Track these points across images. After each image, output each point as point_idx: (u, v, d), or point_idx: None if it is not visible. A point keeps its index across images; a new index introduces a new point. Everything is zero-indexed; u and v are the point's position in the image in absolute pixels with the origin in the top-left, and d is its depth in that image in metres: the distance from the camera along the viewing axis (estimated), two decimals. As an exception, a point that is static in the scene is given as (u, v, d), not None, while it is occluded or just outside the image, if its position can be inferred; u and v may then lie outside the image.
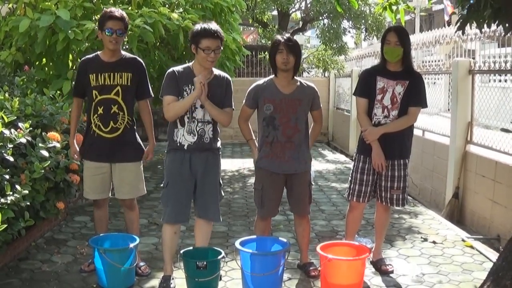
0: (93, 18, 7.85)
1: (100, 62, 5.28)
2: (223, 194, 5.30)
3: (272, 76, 5.38)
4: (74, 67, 7.78)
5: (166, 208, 5.09)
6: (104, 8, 5.58)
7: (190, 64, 5.06)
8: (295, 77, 5.37)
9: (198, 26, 4.91)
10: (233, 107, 5.13)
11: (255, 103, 5.34)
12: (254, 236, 5.40)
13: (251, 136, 5.42)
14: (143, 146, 5.49)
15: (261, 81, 5.47)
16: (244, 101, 5.42)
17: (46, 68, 8.16)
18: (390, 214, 6.01)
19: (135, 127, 5.41)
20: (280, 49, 5.18)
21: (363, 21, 18.75)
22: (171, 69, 5.03)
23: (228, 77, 5.20)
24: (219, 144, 5.16)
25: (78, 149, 5.46)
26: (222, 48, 5.01)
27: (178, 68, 5.03)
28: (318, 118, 5.55)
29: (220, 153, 5.23)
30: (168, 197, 5.04)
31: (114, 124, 5.24)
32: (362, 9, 18.39)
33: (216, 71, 5.13)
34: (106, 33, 5.13)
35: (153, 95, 5.57)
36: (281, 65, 5.19)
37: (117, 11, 5.27)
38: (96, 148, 5.31)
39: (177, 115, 4.90)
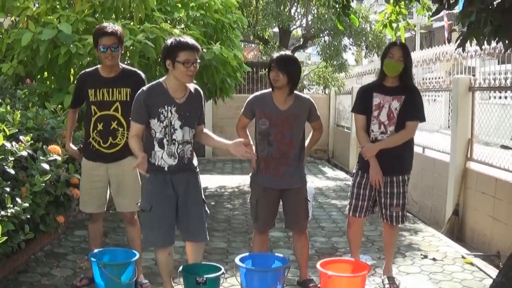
0: (94, 33, 7.88)
1: (99, 77, 5.29)
2: (208, 210, 5.10)
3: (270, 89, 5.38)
4: (75, 81, 7.79)
5: (152, 231, 4.88)
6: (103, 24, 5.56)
7: (161, 79, 4.84)
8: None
9: (171, 40, 4.71)
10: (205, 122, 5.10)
11: (252, 114, 5.37)
12: (254, 253, 5.40)
13: (248, 141, 5.32)
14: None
15: (259, 93, 5.49)
16: (242, 110, 5.43)
17: (48, 82, 8.18)
18: (398, 231, 5.99)
19: None
20: (272, 66, 5.20)
21: (363, 38, 18.81)
22: (140, 90, 4.80)
23: (200, 89, 5.03)
24: (196, 162, 5.01)
25: (76, 148, 5.49)
26: (199, 60, 4.77)
27: (148, 88, 4.79)
28: (317, 127, 5.55)
29: (198, 170, 5.05)
30: (154, 220, 4.83)
31: (114, 140, 5.25)
32: (363, 26, 18.46)
33: (190, 86, 4.89)
34: (101, 50, 5.12)
35: None
36: (272, 82, 5.21)
37: (109, 27, 5.21)
38: (93, 157, 5.32)
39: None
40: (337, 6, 6.78)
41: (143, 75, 5.45)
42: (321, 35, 19.34)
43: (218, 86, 9.32)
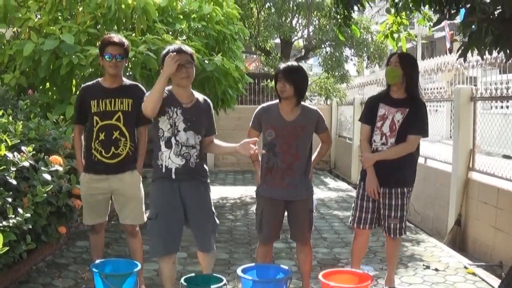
0: (97, 44, 7.87)
1: (101, 88, 5.31)
2: (217, 221, 5.14)
3: (278, 100, 5.37)
4: (77, 92, 7.80)
5: (157, 240, 4.92)
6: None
7: (170, 87, 4.94)
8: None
9: (163, 51, 4.90)
10: (216, 132, 5.14)
11: (260, 126, 5.35)
12: (256, 264, 5.38)
13: (257, 157, 5.37)
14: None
15: (266, 104, 5.48)
16: (250, 123, 5.43)
17: (50, 93, 8.20)
18: (400, 242, 5.97)
19: (136, 154, 5.41)
20: (278, 77, 5.19)
21: (365, 49, 18.82)
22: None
23: (209, 100, 5.14)
24: (206, 169, 5.07)
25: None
26: (193, 62, 4.92)
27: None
28: (326, 139, 5.50)
29: (209, 180, 5.12)
30: (159, 229, 4.87)
31: (116, 150, 5.24)
32: (364, 37, 18.47)
33: (198, 95, 5.06)
34: (106, 59, 5.17)
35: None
36: (279, 93, 5.21)
37: (116, 37, 5.32)
38: (95, 169, 5.30)
39: (154, 102, 4.66)
40: (338, 17, 6.79)
41: (144, 88, 5.48)
42: (323, 46, 19.37)
43: (219, 97, 9.32)
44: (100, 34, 7.98)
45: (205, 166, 5.06)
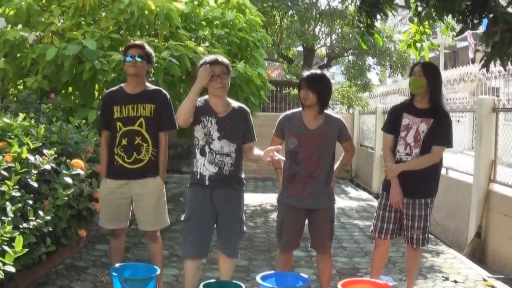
0: (120, 49, 7.94)
1: (124, 94, 5.32)
2: (245, 229, 5.21)
3: (301, 108, 5.36)
4: (100, 97, 7.85)
5: (186, 242, 5.02)
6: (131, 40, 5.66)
7: (206, 96, 5.05)
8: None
9: (200, 61, 5.00)
10: (255, 139, 5.16)
11: (283, 134, 5.33)
12: (275, 271, 5.37)
13: (280, 165, 5.33)
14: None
15: (290, 112, 5.46)
16: (274, 130, 5.43)
17: (72, 97, 8.26)
18: (420, 253, 5.93)
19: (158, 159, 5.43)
20: (301, 85, 5.18)
21: (387, 58, 18.82)
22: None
23: (246, 108, 5.21)
24: (242, 177, 5.11)
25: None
26: (230, 74, 5.03)
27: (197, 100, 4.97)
28: (349, 148, 5.45)
29: (244, 188, 5.17)
30: (189, 232, 4.99)
31: (138, 155, 5.23)
32: (387, 46, 18.48)
33: (234, 103, 5.13)
34: (126, 59, 5.23)
35: (177, 127, 5.54)
36: (302, 101, 5.20)
37: (138, 41, 5.40)
38: (117, 175, 5.32)
39: (186, 112, 4.77)
40: (361, 25, 6.78)
41: (167, 93, 5.49)
42: (345, 54, 19.39)
43: (242, 104, 9.34)
44: (123, 39, 8.03)
45: (240, 174, 5.11)
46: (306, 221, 5.38)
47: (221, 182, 4.93)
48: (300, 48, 21.04)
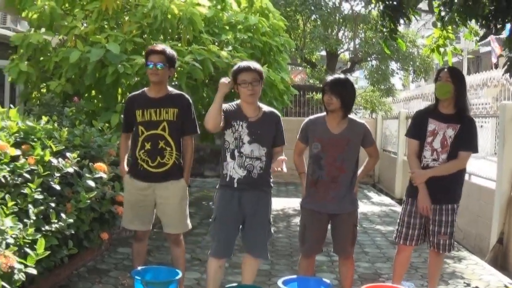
0: (143, 53, 7.97)
1: (147, 98, 5.33)
2: (272, 232, 5.26)
3: (325, 113, 5.34)
4: (123, 101, 7.88)
5: (213, 241, 5.15)
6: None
7: (238, 101, 5.10)
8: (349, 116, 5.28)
9: (234, 67, 5.07)
10: (285, 143, 5.17)
11: (307, 139, 5.33)
12: (297, 276, 5.35)
13: (303, 169, 5.36)
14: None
15: (314, 116, 5.45)
16: (298, 135, 5.42)
17: (95, 100, 8.30)
18: (443, 259, 5.89)
19: (183, 163, 5.43)
20: (325, 90, 5.16)
21: (411, 63, 18.74)
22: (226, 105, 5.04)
23: (277, 113, 5.22)
24: (270, 180, 5.17)
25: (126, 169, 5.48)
26: (262, 81, 5.05)
27: (229, 104, 5.07)
28: (373, 153, 5.42)
29: (271, 191, 5.23)
30: (215, 231, 5.09)
31: (162, 159, 5.24)
32: (410, 51, 18.38)
33: (265, 108, 5.17)
34: (148, 66, 5.22)
35: (199, 132, 5.55)
36: (326, 106, 5.18)
37: (159, 46, 5.38)
38: (141, 177, 5.33)
39: (212, 119, 4.82)
40: (384, 30, 6.77)
41: (189, 98, 5.49)
42: (369, 59, 19.32)
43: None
44: (146, 43, 8.06)
45: (269, 177, 5.17)
46: (329, 226, 5.37)
47: (249, 185, 5.00)
48: (323, 53, 21.03)
